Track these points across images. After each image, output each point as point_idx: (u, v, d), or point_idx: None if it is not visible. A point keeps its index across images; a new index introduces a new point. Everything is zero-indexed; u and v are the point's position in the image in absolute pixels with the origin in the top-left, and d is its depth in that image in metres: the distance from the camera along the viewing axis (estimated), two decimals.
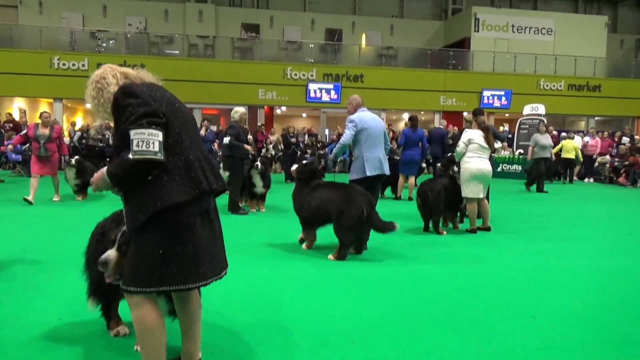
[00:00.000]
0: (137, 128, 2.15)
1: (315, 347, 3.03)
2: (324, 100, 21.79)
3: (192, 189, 2.30)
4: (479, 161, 6.81)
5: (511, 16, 25.52)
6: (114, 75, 2.41)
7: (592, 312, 3.81)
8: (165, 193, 2.23)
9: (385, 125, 6.28)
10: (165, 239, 2.25)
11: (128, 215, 2.29)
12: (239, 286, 4.24)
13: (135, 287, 2.25)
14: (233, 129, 8.22)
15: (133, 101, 2.21)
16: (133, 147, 2.14)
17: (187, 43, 22.16)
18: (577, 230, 7.41)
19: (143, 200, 2.23)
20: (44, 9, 22.90)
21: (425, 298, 4.04)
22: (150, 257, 2.24)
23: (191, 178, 2.32)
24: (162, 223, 2.24)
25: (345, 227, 5.19)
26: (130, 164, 2.16)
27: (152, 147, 2.15)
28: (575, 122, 25.93)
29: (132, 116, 2.18)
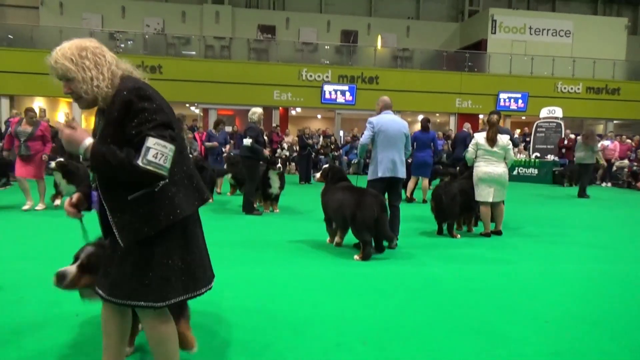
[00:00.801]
0: (159, 138, 2.04)
1: (328, 348, 3.05)
2: (339, 101, 21.82)
3: (196, 199, 2.28)
4: (486, 165, 6.81)
5: (529, 18, 25.27)
6: (110, 55, 2.21)
7: (607, 318, 3.78)
8: (177, 205, 2.16)
9: None
10: (174, 249, 2.18)
11: (126, 228, 2.11)
12: (253, 285, 4.29)
13: (146, 301, 2.14)
14: (253, 131, 8.24)
15: (149, 106, 2.08)
16: (148, 156, 2.02)
17: (204, 44, 22.36)
18: (593, 235, 7.32)
19: (150, 212, 2.11)
20: (64, 10, 23.29)
21: (438, 301, 4.04)
22: (159, 269, 2.14)
23: (194, 188, 2.28)
24: (169, 234, 2.16)
25: (359, 228, 5.36)
26: (137, 170, 2.02)
27: (166, 163, 2.07)
28: (593, 126, 25.56)
29: (149, 123, 2.05)
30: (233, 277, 4.51)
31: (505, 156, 6.90)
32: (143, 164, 2.02)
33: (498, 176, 6.79)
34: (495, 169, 6.79)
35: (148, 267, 2.14)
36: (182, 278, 2.21)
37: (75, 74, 2.08)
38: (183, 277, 2.21)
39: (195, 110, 22.03)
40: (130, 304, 2.18)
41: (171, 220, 2.14)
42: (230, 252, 5.52)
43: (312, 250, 5.79)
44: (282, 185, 8.79)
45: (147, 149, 2.03)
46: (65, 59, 2.08)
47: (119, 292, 2.15)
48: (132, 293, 2.15)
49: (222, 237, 6.39)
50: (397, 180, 6.04)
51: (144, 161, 2.02)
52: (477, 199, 6.87)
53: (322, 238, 6.33)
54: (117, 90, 2.11)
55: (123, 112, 2.07)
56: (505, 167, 6.91)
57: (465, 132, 11.42)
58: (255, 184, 8.50)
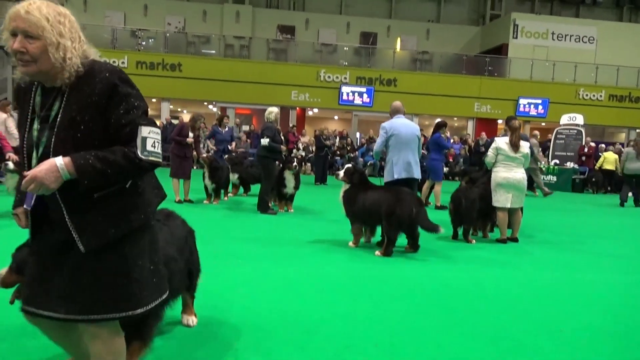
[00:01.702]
0: (151, 126, 1.87)
1: (339, 349, 3.04)
2: (357, 103, 21.80)
3: (157, 196, 2.12)
4: (505, 170, 6.73)
5: (552, 23, 24.95)
6: (83, 35, 1.96)
7: (623, 329, 3.70)
8: (148, 203, 1.99)
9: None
10: (143, 249, 1.98)
11: (89, 231, 1.83)
12: (265, 285, 4.29)
13: (118, 312, 1.88)
14: (270, 130, 8.28)
15: (132, 92, 1.87)
16: (147, 146, 1.84)
17: (224, 43, 22.54)
18: (612, 245, 7.18)
19: (121, 212, 1.88)
20: (88, 7, 23.68)
21: (451, 306, 4.00)
22: (131, 273, 1.91)
23: (154, 184, 2.12)
24: (138, 233, 1.95)
25: (394, 225, 5.51)
26: (142, 166, 1.84)
27: (160, 149, 1.92)
28: (614, 134, 25.13)
29: (137, 110, 1.86)
30: (245, 276, 4.53)
31: (524, 163, 6.84)
32: (145, 157, 1.84)
33: (517, 182, 6.70)
34: (515, 175, 6.71)
35: (118, 274, 1.88)
36: (153, 280, 2.01)
37: (48, 35, 1.77)
38: (154, 279, 2.02)
39: (214, 109, 22.20)
40: (98, 318, 1.86)
41: (143, 219, 1.94)
42: (244, 251, 5.54)
43: (326, 250, 5.79)
44: (297, 185, 8.80)
45: (144, 139, 1.85)
46: (41, 14, 1.78)
47: (81, 308, 1.84)
48: (100, 305, 1.85)
49: (236, 235, 6.43)
50: (413, 180, 6.15)
51: (145, 153, 1.84)
52: (495, 205, 6.80)
53: (336, 238, 6.33)
54: (94, 71, 1.85)
55: (106, 96, 1.81)
56: (524, 173, 6.84)
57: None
58: (272, 184, 8.53)
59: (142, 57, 20.68)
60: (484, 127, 21.59)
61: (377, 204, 5.64)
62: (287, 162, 8.75)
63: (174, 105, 22.65)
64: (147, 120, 1.88)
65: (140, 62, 20.53)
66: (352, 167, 6.35)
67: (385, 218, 5.54)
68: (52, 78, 1.84)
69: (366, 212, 5.77)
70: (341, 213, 6.17)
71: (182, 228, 2.97)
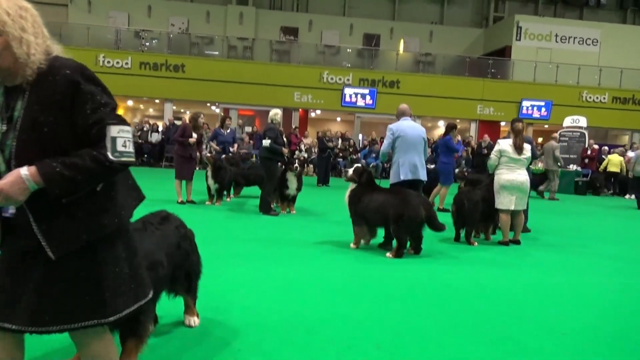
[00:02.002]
0: (121, 124, 1.77)
1: (341, 350, 3.05)
2: (359, 105, 21.80)
3: (134, 198, 2.00)
4: (509, 172, 6.70)
5: (555, 25, 24.91)
6: (45, 29, 1.86)
7: (625, 331, 3.69)
8: (121, 206, 1.88)
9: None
10: (120, 253, 1.88)
11: (58, 237, 1.73)
12: (267, 285, 4.30)
13: (87, 320, 1.78)
14: (272, 131, 8.29)
15: (97, 89, 1.77)
16: (118, 146, 1.73)
17: (227, 44, 22.58)
18: (614, 248, 7.17)
19: (92, 216, 1.78)
20: (92, 8, 23.76)
21: (453, 307, 4.00)
22: (105, 279, 1.81)
23: (130, 186, 2.01)
24: (113, 237, 1.86)
25: (404, 228, 5.51)
26: (113, 168, 1.73)
27: (132, 148, 1.81)
28: (618, 136, 25.06)
29: (104, 107, 1.76)
30: (247, 276, 4.54)
31: (526, 164, 6.86)
32: (116, 158, 1.73)
33: (520, 184, 6.69)
34: (518, 177, 6.69)
35: (90, 281, 1.79)
36: (131, 286, 1.90)
37: (10, 30, 1.68)
38: (132, 285, 1.90)
39: (216, 110, 22.24)
40: (69, 328, 1.77)
41: (116, 223, 1.84)
42: (245, 251, 5.55)
43: (327, 251, 5.79)
44: (300, 187, 8.80)
45: (114, 139, 1.74)
46: (1, 9, 1.68)
47: (49, 318, 1.73)
48: (71, 314, 1.75)
49: (238, 236, 6.44)
50: (419, 182, 6.18)
51: (116, 154, 1.73)
52: (498, 207, 6.78)
53: (337, 240, 6.33)
54: (54, 68, 1.74)
55: (69, 95, 1.71)
56: (527, 175, 6.83)
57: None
58: (274, 185, 8.54)
59: (145, 58, 20.74)
60: (486, 129, 21.55)
61: (383, 206, 5.62)
62: (289, 163, 8.75)
63: (177, 106, 22.70)
64: (117, 119, 1.77)
65: (143, 63, 20.59)
66: (361, 166, 6.36)
67: (394, 221, 5.52)
68: (13, 75, 1.73)
69: (371, 213, 5.75)
70: (343, 215, 6.18)
71: (177, 232, 2.93)
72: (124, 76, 20.30)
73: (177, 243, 2.89)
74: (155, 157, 18.67)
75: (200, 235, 3.22)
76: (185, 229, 3.06)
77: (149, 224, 2.75)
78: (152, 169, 17.62)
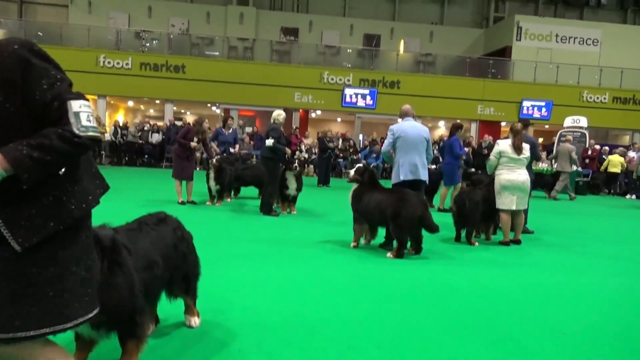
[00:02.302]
0: (81, 99, 1.67)
1: (341, 350, 3.05)
2: (360, 105, 21.80)
3: (98, 186, 1.87)
4: (509, 172, 6.71)
5: (555, 25, 24.89)
6: None
7: (625, 331, 3.69)
8: (87, 190, 1.75)
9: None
10: (78, 252, 1.73)
11: (23, 226, 1.59)
12: (267, 286, 4.30)
13: (45, 327, 1.61)
14: (275, 131, 8.29)
15: (49, 65, 1.67)
16: (82, 121, 1.62)
17: (227, 45, 22.58)
18: (615, 248, 7.16)
19: (58, 201, 1.65)
20: (93, 8, 23.77)
21: (454, 308, 3.99)
22: (62, 280, 1.65)
23: (93, 174, 1.87)
24: (72, 232, 1.71)
25: (401, 227, 5.52)
26: (82, 144, 1.63)
27: (94, 123, 1.69)
28: (618, 136, 25.05)
29: (60, 82, 1.67)
30: (248, 277, 4.54)
31: (526, 164, 6.85)
32: (83, 132, 1.62)
33: (521, 184, 6.69)
34: (519, 177, 6.69)
35: (51, 281, 1.63)
36: (87, 290, 1.73)
37: None
38: (88, 289, 1.74)
39: (217, 111, 22.25)
40: (19, 336, 1.58)
41: (84, 209, 1.72)
42: (246, 252, 5.55)
43: (328, 252, 5.79)
44: (300, 187, 8.80)
45: (77, 114, 1.63)
46: None
47: (2, 324, 1.57)
48: (22, 320, 1.57)
49: (239, 236, 6.44)
50: (419, 182, 6.15)
51: (82, 128, 1.62)
52: (499, 207, 6.78)
53: (338, 240, 6.33)
54: (1, 46, 1.63)
55: (20, 73, 1.59)
56: (527, 175, 6.83)
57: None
58: (276, 185, 8.53)
59: (146, 59, 20.75)
60: (487, 129, 21.54)
61: (381, 205, 5.67)
62: (289, 163, 8.75)
63: (178, 107, 22.71)
64: (75, 94, 1.67)
65: (144, 64, 20.60)
66: (363, 166, 6.40)
67: (391, 220, 5.55)
68: None
69: (370, 211, 5.81)
70: (343, 215, 6.20)
71: (174, 233, 2.91)
72: (125, 77, 20.32)
73: (174, 244, 2.87)
74: (156, 157, 18.69)
75: (201, 235, 3.22)
76: (183, 230, 3.04)
77: (145, 225, 2.75)
78: (152, 169, 17.63)
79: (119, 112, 23.69)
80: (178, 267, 2.90)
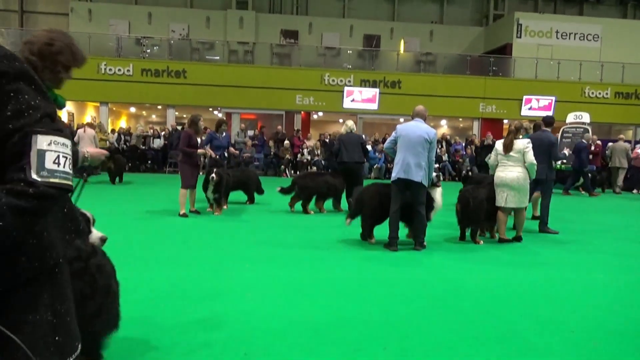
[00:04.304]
0: (54, 135, 1.32)
1: (347, 352, 3.04)
2: (361, 106, 21.77)
3: (71, 232, 1.63)
4: (501, 170, 6.81)
5: (555, 22, 24.83)
6: None
7: (633, 329, 3.66)
8: (48, 246, 1.44)
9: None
10: (40, 302, 1.45)
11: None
12: (273, 288, 4.29)
13: None
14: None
15: (25, 87, 1.32)
16: (46, 163, 1.28)
17: (228, 49, 22.62)
18: (620, 245, 7.12)
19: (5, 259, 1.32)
20: (93, 16, 23.86)
21: (460, 307, 3.98)
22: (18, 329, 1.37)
23: (66, 216, 1.62)
24: (37, 283, 1.44)
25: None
26: (41, 194, 1.26)
27: (68, 168, 1.35)
28: (621, 131, 24.93)
29: (32, 111, 1.31)
30: (252, 280, 4.54)
31: (524, 160, 6.71)
32: (43, 179, 1.27)
33: (510, 181, 6.69)
34: (508, 174, 6.71)
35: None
36: (55, 338, 1.46)
37: None
38: (57, 337, 1.47)
39: (219, 115, 22.28)
40: None
41: (37, 268, 1.40)
42: (251, 254, 5.54)
43: (333, 254, 5.78)
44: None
45: (41, 153, 1.28)
46: None
47: None
48: None
49: (242, 238, 6.43)
50: (413, 183, 5.98)
51: (43, 173, 1.27)
52: (496, 204, 6.83)
53: (343, 242, 6.33)
54: None
55: None
56: (520, 172, 6.68)
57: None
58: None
59: (147, 65, 20.80)
60: (489, 127, 21.48)
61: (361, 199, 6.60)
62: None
63: (180, 112, 22.75)
64: (49, 127, 1.32)
65: (145, 70, 20.65)
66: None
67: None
68: None
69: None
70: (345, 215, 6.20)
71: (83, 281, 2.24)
72: (126, 83, 20.37)
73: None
74: (159, 163, 18.73)
75: (204, 240, 3.21)
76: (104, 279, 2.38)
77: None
78: (155, 174, 17.66)
79: (121, 118, 23.75)
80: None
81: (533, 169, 6.76)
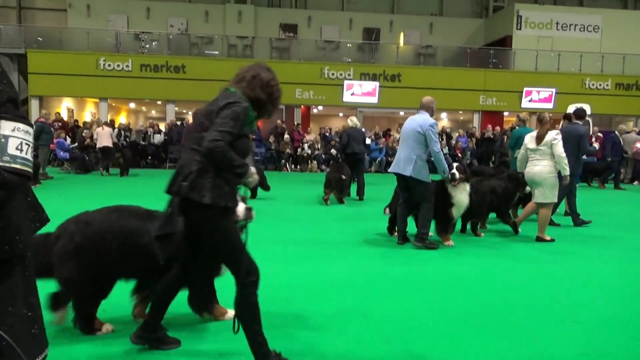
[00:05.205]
0: (17, 121, 1.35)
1: (350, 345, 3.04)
2: (362, 100, 21.72)
3: (34, 220, 1.58)
4: (529, 165, 6.51)
5: (555, 13, 24.71)
6: None
7: (638, 320, 3.67)
8: (15, 230, 1.44)
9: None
10: (15, 294, 1.47)
11: None
12: (274, 282, 4.29)
13: None
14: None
15: None
16: (8, 149, 1.32)
17: (227, 43, 22.54)
18: (625, 236, 7.11)
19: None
20: (91, 12, 23.74)
21: (463, 300, 3.98)
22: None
23: (28, 204, 1.57)
24: (6, 271, 1.46)
25: None
26: (3, 180, 1.32)
27: (29, 154, 1.38)
28: (622, 123, 24.89)
29: None
30: None
31: (551, 152, 6.32)
32: (6, 163, 1.31)
33: (533, 175, 6.42)
34: (533, 168, 6.44)
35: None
36: (31, 331, 1.48)
37: None
38: (32, 330, 1.49)
39: None
40: None
41: (7, 252, 1.41)
42: (251, 250, 5.53)
43: (335, 248, 5.78)
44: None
45: (5, 138, 1.31)
46: None
47: None
48: None
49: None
50: (405, 177, 5.80)
51: (6, 158, 1.31)
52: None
53: (345, 236, 6.33)
54: None
55: None
56: (545, 166, 6.35)
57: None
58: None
59: (146, 60, 20.73)
60: (489, 119, 21.44)
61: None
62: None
63: (179, 107, 22.72)
64: (12, 114, 1.34)
65: (144, 65, 20.59)
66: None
67: None
68: None
69: None
70: (350, 212, 6.19)
71: None
72: (125, 79, 20.31)
73: None
74: (159, 158, 18.71)
75: None
76: None
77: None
78: (156, 170, 17.65)
79: (120, 114, 23.71)
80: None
81: (562, 162, 6.25)
